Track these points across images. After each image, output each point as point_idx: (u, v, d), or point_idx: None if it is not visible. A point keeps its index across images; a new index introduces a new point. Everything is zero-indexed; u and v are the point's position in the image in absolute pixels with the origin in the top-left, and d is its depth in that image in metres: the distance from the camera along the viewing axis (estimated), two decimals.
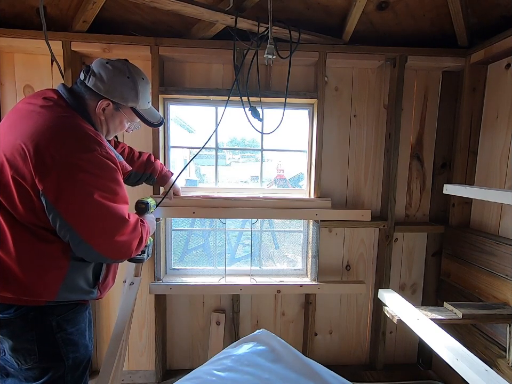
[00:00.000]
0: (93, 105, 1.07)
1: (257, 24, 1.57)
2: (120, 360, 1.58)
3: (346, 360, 2.09)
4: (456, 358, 1.12)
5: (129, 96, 1.11)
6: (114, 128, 1.17)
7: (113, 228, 1.00)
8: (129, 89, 1.10)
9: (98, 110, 1.07)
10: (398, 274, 2.04)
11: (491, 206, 1.71)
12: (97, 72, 1.06)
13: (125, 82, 1.09)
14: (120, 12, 1.67)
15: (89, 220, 0.96)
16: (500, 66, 1.67)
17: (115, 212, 1.00)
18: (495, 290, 1.55)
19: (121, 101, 1.10)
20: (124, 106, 1.12)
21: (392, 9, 1.69)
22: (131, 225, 1.05)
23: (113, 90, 1.07)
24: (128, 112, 1.15)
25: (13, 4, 1.60)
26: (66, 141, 0.94)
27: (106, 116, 1.11)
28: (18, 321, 0.99)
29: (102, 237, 0.98)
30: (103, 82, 1.05)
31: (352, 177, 1.97)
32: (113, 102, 1.09)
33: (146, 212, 1.33)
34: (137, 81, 1.12)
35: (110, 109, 1.10)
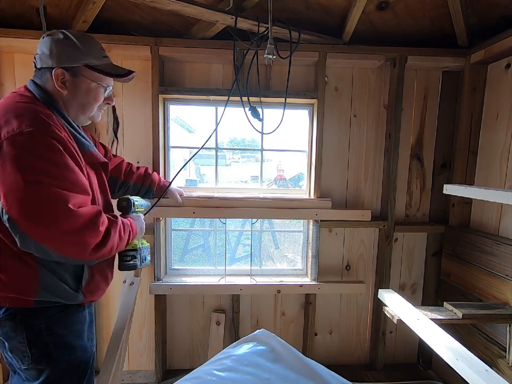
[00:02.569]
0: (50, 84, 1.02)
1: (257, 24, 1.58)
2: (120, 360, 1.58)
3: (346, 360, 2.09)
4: (456, 358, 1.12)
5: (75, 54, 1.02)
6: (87, 100, 1.07)
7: (54, 216, 0.87)
8: (72, 48, 1.02)
9: (58, 83, 1.00)
10: (398, 274, 2.04)
11: (491, 206, 1.71)
12: (38, 52, 1.03)
13: (65, 43, 1.02)
14: (120, 12, 1.67)
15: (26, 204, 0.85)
16: (500, 66, 1.67)
17: (54, 197, 0.87)
18: (495, 290, 1.55)
19: (71, 61, 1.01)
20: (78, 68, 1.03)
21: (392, 9, 1.69)
22: (83, 216, 0.90)
23: (58, 55, 1.00)
24: (87, 73, 1.05)
25: (13, 3, 1.60)
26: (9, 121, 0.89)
27: (69, 89, 1.03)
28: (8, 323, 0.98)
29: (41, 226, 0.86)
30: (46, 54, 1.00)
31: (352, 177, 1.97)
32: (66, 68, 1.01)
33: (129, 210, 1.22)
34: (74, 37, 1.04)
35: (69, 79, 1.02)
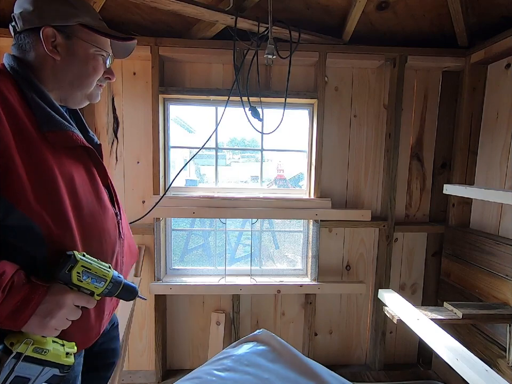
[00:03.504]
0: (38, 50, 0.79)
1: (257, 24, 1.58)
2: (120, 360, 1.58)
3: (346, 360, 2.09)
4: (456, 358, 1.12)
5: (68, 10, 0.80)
6: (85, 70, 0.84)
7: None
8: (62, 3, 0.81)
9: (48, 46, 0.78)
10: (398, 274, 2.04)
11: (491, 206, 1.71)
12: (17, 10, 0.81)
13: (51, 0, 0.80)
14: (120, 12, 1.67)
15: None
16: (500, 66, 1.67)
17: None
18: (495, 290, 1.55)
19: (64, 19, 0.79)
20: (73, 28, 0.81)
21: (392, 9, 1.69)
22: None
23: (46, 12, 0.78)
24: (84, 34, 0.82)
25: (13, 4, 1.60)
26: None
27: (62, 55, 0.80)
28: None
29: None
30: (30, 12, 0.78)
31: (352, 177, 1.97)
32: (57, 27, 0.78)
33: (57, 272, 0.69)
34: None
35: (61, 42, 0.79)
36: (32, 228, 0.67)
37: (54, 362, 0.67)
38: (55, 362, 0.67)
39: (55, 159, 0.73)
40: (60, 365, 0.68)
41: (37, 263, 0.70)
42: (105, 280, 0.73)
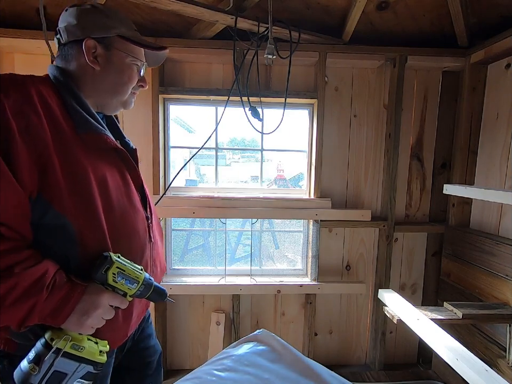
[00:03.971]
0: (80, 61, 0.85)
1: (257, 24, 1.57)
2: None
3: (346, 360, 2.09)
4: (456, 358, 1.12)
5: (106, 22, 0.86)
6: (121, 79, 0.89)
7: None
8: (103, 16, 0.87)
9: (89, 57, 0.84)
10: (398, 274, 2.04)
11: (491, 206, 1.71)
12: (62, 24, 0.87)
13: (93, 12, 0.87)
14: (120, 12, 1.67)
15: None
16: (500, 66, 1.67)
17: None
18: (495, 290, 1.55)
19: (103, 31, 0.85)
20: (111, 39, 0.87)
21: (392, 9, 1.69)
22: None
23: (88, 25, 0.85)
24: (121, 45, 0.88)
25: (13, 3, 1.60)
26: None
27: (102, 65, 0.86)
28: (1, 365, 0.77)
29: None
30: (74, 26, 0.84)
31: (352, 177, 1.97)
32: (98, 39, 0.84)
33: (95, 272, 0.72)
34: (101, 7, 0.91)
35: (101, 53, 0.85)
36: (67, 227, 0.70)
37: (89, 359, 0.69)
38: (90, 359, 0.69)
39: (89, 160, 0.76)
40: (94, 362, 0.70)
41: (70, 262, 0.72)
42: (138, 282, 0.75)
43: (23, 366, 0.65)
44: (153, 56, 0.98)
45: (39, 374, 0.63)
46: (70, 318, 0.68)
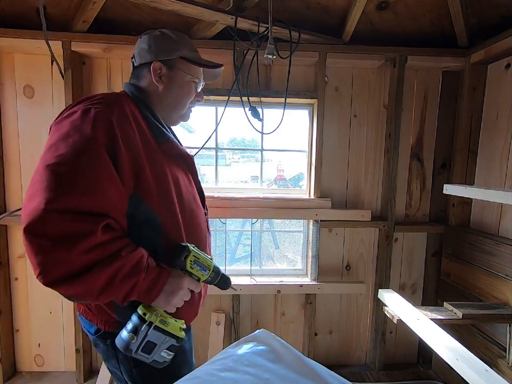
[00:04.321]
0: (148, 80, 0.98)
1: (257, 24, 1.58)
2: None
3: (346, 360, 2.09)
4: (456, 358, 1.12)
5: (171, 46, 1.00)
6: (181, 95, 1.02)
7: (28, 198, 0.71)
8: (169, 41, 1.01)
9: (155, 77, 0.96)
10: (398, 274, 2.04)
11: (491, 206, 1.71)
12: (137, 50, 1.02)
13: (161, 38, 1.01)
14: (120, 12, 1.67)
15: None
16: (500, 66, 1.67)
17: (43, 179, 0.69)
18: (495, 290, 1.55)
19: (168, 54, 0.98)
20: (174, 60, 0.99)
21: (392, 9, 1.69)
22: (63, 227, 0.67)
23: (156, 50, 0.98)
24: (182, 65, 1.01)
25: (13, 3, 1.60)
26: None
27: (165, 83, 0.98)
28: (101, 345, 0.91)
29: (24, 212, 0.70)
30: (145, 50, 0.99)
31: (352, 177, 1.97)
32: (163, 61, 0.98)
33: (175, 260, 0.83)
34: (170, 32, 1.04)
35: (165, 73, 0.98)
36: (154, 221, 0.84)
37: (172, 333, 0.80)
38: (173, 334, 0.81)
39: (167, 164, 0.90)
40: (177, 336, 0.81)
41: (155, 251, 0.84)
42: (209, 269, 0.88)
43: (123, 335, 0.77)
44: (211, 73, 1.12)
45: (136, 342, 0.76)
46: (159, 296, 0.79)
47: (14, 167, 1.81)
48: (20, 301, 1.89)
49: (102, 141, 0.75)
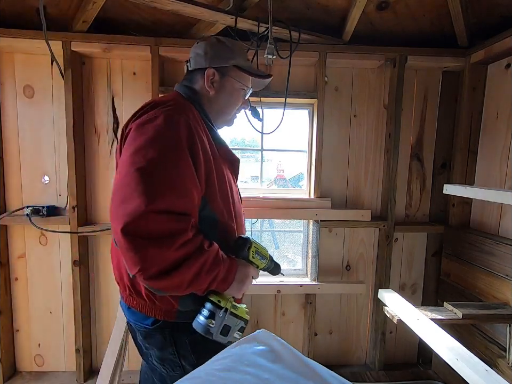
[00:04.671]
0: (200, 85, 1.03)
1: (257, 24, 1.57)
2: (120, 360, 1.58)
3: (346, 360, 2.09)
4: (456, 358, 1.12)
5: (226, 55, 1.04)
6: (229, 101, 1.07)
7: (123, 200, 0.74)
8: (224, 49, 1.05)
9: (207, 83, 1.01)
10: (398, 274, 2.04)
11: (491, 206, 1.71)
12: (192, 55, 1.06)
13: (217, 45, 1.05)
14: (120, 12, 1.67)
15: (116, 182, 0.79)
16: (500, 66, 1.67)
17: (136, 181, 0.74)
18: (495, 290, 1.55)
19: (222, 62, 1.03)
20: (228, 68, 1.04)
21: (392, 9, 1.69)
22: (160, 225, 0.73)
23: (211, 57, 1.03)
24: (234, 73, 1.06)
25: (13, 3, 1.60)
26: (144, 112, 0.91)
27: (216, 89, 1.03)
28: (157, 335, 0.94)
29: (112, 207, 0.75)
30: (201, 55, 1.03)
31: (352, 177, 1.97)
32: (217, 68, 1.02)
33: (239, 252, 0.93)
34: (226, 40, 1.08)
35: (217, 79, 1.03)
36: (214, 218, 0.91)
37: (242, 317, 0.90)
38: (242, 317, 0.90)
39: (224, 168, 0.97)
40: (244, 319, 0.91)
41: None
42: (266, 258, 0.98)
43: (201, 321, 0.85)
44: (259, 81, 1.15)
45: (215, 327, 0.84)
46: (232, 284, 0.88)
47: (14, 167, 1.81)
48: (20, 301, 1.89)
49: (186, 145, 0.81)
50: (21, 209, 1.79)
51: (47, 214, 1.76)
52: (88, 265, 1.90)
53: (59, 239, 1.87)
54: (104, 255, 1.91)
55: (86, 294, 1.89)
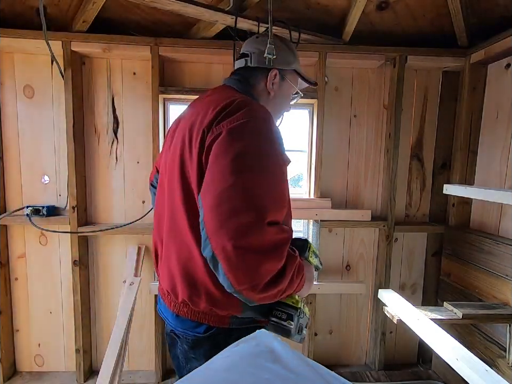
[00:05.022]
0: (260, 84, 1.02)
1: (257, 24, 1.57)
2: (120, 360, 1.58)
3: (346, 360, 2.09)
4: (456, 358, 1.12)
5: (290, 58, 1.06)
6: (282, 105, 1.09)
7: (233, 213, 0.69)
8: (287, 51, 1.06)
9: (269, 84, 1.01)
10: (398, 274, 2.04)
11: (491, 206, 1.71)
12: (255, 49, 1.04)
13: (281, 45, 1.05)
14: (120, 11, 1.67)
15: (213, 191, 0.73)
16: (500, 66, 1.67)
17: (245, 195, 0.71)
18: (495, 290, 1.55)
19: (286, 65, 1.04)
20: (288, 71, 1.06)
21: (392, 9, 1.69)
22: (272, 225, 0.73)
23: (278, 58, 1.03)
24: (291, 77, 1.07)
25: (13, 4, 1.60)
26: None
27: (275, 90, 1.03)
28: (208, 342, 0.91)
29: (219, 220, 0.70)
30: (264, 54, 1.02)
31: (352, 177, 1.96)
32: (279, 70, 1.02)
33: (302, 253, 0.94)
34: (287, 41, 1.09)
35: (277, 81, 1.03)
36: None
37: (307, 315, 0.93)
38: (307, 315, 0.94)
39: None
40: (308, 316, 0.94)
41: None
42: (318, 257, 1.01)
43: (279, 322, 0.88)
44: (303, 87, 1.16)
45: (292, 327, 0.88)
46: (304, 285, 0.87)
47: (14, 167, 1.81)
48: (20, 301, 1.89)
49: (280, 151, 0.81)
50: (21, 209, 1.79)
51: (47, 214, 1.76)
52: (88, 265, 1.90)
53: (59, 239, 1.87)
54: (104, 255, 1.91)
55: (86, 294, 1.89)
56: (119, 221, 1.88)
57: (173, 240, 0.89)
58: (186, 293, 0.87)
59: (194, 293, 0.86)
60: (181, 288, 0.88)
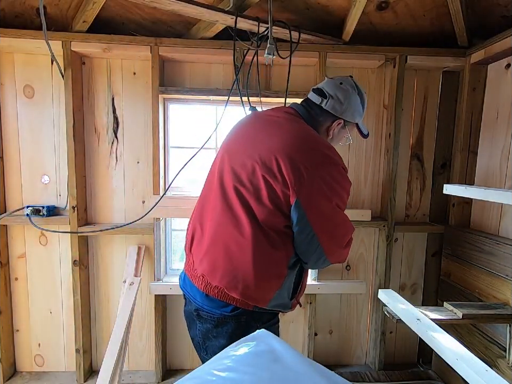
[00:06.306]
0: (325, 125, 1.13)
1: (257, 24, 1.57)
2: (120, 360, 1.58)
3: (346, 360, 2.09)
4: (456, 358, 1.12)
5: (357, 113, 1.15)
6: (332, 143, 1.18)
7: (343, 237, 1.09)
8: (358, 106, 1.15)
9: (330, 130, 1.13)
10: (398, 274, 2.04)
11: (491, 206, 1.71)
12: (333, 95, 1.10)
13: (356, 100, 1.13)
14: (120, 11, 1.67)
15: (329, 227, 1.03)
16: (500, 66, 1.67)
17: (348, 223, 1.09)
18: (495, 290, 1.55)
19: (351, 118, 1.14)
20: (351, 123, 1.16)
21: (392, 9, 1.69)
22: (351, 237, 1.14)
23: (348, 109, 1.11)
24: (351, 128, 1.19)
25: (13, 4, 1.60)
26: (317, 154, 1.00)
27: (334, 134, 1.15)
28: (232, 322, 1.01)
29: (335, 244, 1.06)
30: (341, 103, 1.10)
31: (352, 177, 1.96)
32: (345, 120, 1.13)
33: None
34: (364, 97, 1.17)
35: (339, 127, 1.14)
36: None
37: None
38: None
39: None
40: None
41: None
42: None
43: None
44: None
45: None
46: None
47: (14, 167, 1.81)
48: (20, 301, 1.89)
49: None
50: (21, 209, 1.79)
51: (47, 214, 1.76)
52: (88, 265, 1.90)
53: (59, 239, 1.87)
54: (104, 255, 1.91)
55: (86, 294, 1.89)
56: (119, 221, 1.88)
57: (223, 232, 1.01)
58: (224, 281, 0.98)
59: (232, 283, 0.98)
60: (220, 275, 0.99)
